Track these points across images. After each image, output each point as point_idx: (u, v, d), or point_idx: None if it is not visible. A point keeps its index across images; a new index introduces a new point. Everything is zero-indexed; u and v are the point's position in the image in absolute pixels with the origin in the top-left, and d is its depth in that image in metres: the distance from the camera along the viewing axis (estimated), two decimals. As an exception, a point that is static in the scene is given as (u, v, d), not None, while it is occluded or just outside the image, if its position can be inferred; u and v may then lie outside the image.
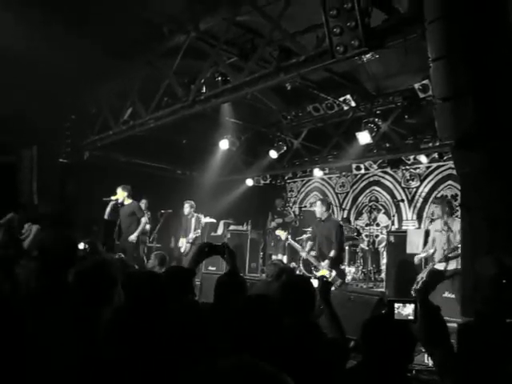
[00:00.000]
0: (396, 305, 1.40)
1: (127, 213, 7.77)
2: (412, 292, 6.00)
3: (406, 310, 1.38)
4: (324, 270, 6.50)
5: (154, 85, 7.10)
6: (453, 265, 5.83)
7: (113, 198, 7.79)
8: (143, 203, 8.90)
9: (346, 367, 2.20)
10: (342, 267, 6.99)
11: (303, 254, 7.02)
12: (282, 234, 7.46)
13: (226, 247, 3.11)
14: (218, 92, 6.31)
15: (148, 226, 8.68)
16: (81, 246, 5.52)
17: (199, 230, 8.88)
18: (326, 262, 6.51)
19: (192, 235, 8.76)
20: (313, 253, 6.88)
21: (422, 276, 6.00)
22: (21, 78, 6.71)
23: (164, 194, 9.80)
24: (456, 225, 5.85)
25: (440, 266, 5.95)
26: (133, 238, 7.58)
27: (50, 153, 8.87)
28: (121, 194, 7.80)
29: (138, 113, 7.56)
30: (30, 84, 6.84)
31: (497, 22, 2.85)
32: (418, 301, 1.36)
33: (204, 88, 6.57)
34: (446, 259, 5.85)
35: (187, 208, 8.87)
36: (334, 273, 6.47)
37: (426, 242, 6.61)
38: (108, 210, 7.75)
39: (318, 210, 6.83)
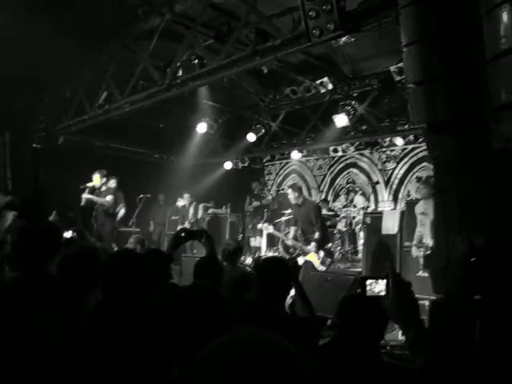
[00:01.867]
0: (368, 281, 1.45)
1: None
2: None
3: (379, 287, 1.44)
4: (312, 254, 6.59)
5: (130, 68, 6.99)
6: None
7: (89, 184, 7.69)
8: (113, 183, 8.74)
9: (317, 344, 2.28)
10: (329, 246, 7.06)
11: (289, 242, 7.07)
12: (265, 227, 7.50)
13: (203, 232, 3.14)
14: (195, 75, 6.25)
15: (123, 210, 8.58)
16: (68, 234, 5.43)
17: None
18: (313, 244, 6.59)
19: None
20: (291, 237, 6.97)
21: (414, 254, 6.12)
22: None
23: (142, 178, 9.73)
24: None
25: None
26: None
27: (24, 138, 8.67)
28: (97, 180, 7.70)
29: (113, 97, 7.44)
30: (1, 68, 6.65)
31: (468, 6, 2.90)
32: (390, 276, 1.42)
33: (180, 71, 6.49)
34: None
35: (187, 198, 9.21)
36: (322, 254, 6.57)
37: (401, 223, 6.74)
38: (84, 196, 7.66)
39: (291, 196, 6.89)
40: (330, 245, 7.28)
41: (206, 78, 6.20)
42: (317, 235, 6.61)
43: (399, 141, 9.28)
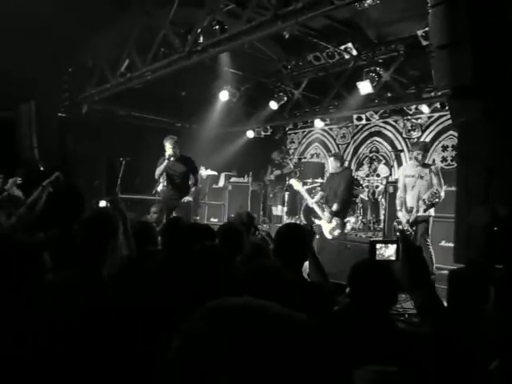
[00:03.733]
0: (378, 245, 1.44)
1: (179, 171, 6.72)
2: (394, 229, 6.13)
3: (389, 251, 1.43)
4: (324, 220, 6.66)
5: (151, 35, 6.94)
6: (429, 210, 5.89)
7: (166, 155, 6.60)
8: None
9: (331, 310, 2.31)
10: (345, 220, 7.11)
11: (309, 202, 7.07)
12: (295, 183, 7.49)
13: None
14: (216, 41, 6.17)
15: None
16: (103, 203, 5.48)
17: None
18: (327, 213, 6.65)
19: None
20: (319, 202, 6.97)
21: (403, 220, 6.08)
22: (16, 33, 6.57)
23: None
24: (424, 172, 5.97)
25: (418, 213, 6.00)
26: (188, 198, 6.64)
27: (49, 107, 8.79)
28: (169, 149, 6.59)
29: (134, 65, 7.43)
30: (25, 38, 6.70)
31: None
32: (400, 241, 1.41)
33: (201, 38, 6.42)
34: (432, 204, 5.87)
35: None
36: (334, 223, 6.61)
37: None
38: (161, 168, 6.62)
39: (333, 165, 6.90)
40: (347, 219, 7.27)
41: (227, 44, 6.13)
42: (335, 207, 6.65)
43: (425, 108, 9.03)
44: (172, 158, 6.60)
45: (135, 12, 7.01)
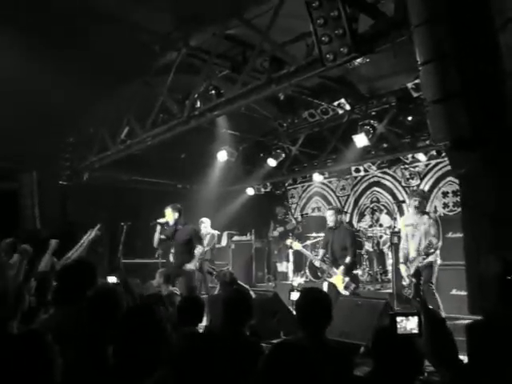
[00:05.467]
0: (398, 318, 1.39)
1: (181, 239, 6.71)
2: (410, 297, 6.07)
3: (410, 324, 1.37)
4: (339, 276, 6.56)
5: (149, 103, 7.14)
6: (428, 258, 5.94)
7: (161, 220, 6.76)
8: (205, 223, 8.69)
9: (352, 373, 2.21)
10: (355, 272, 7.06)
11: (317, 263, 7.04)
12: (295, 245, 7.47)
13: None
14: (212, 106, 6.33)
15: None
16: (112, 279, 5.42)
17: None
18: (341, 268, 6.60)
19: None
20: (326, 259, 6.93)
21: (411, 279, 6.03)
22: (17, 104, 6.75)
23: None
24: (423, 221, 6.04)
25: (417, 262, 6.00)
26: (190, 266, 6.55)
27: (50, 177, 8.90)
28: (170, 216, 6.69)
29: (134, 131, 7.59)
30: (26, 109, 6.88)
31: (482, 23, 2.87)
32: (422, 314, 1.35)
33: (198, 103, 6.60)
34: (427, 255, 5.90)
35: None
36: (347, 278, 6.55)
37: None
38: (156, 236, 6.76)
39: (331, 218, 6.89)
40: (356, 272, 7.22)
41: (224, 108, 6.28)
42: (348, 259, 6.61)
43: (421, 156, 9.16)
44: (169, 224, 6.76)
45: (133, 81, 7.24)
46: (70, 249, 6.40)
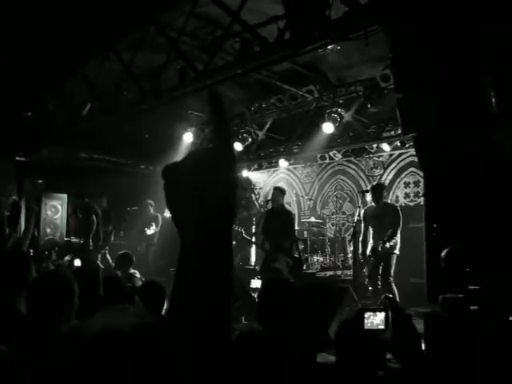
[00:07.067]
0: (366, 314, 1.37)
1: None
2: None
3: (377, 319, 1.36)
4: (281, 261, 6.56)
5: (114, 79, 6.89)
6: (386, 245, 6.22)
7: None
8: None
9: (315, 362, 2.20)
10: (296, 255, 7.00)
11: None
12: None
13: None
14: (179, 85, 6.17)
15: None
16: (78, 262, 5.50)
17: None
18: (281, 252, 6.63)
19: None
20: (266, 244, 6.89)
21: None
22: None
23: (127, 189, 9.62)
24: (384, 213, 6.32)
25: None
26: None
27: (7, 150, 8.53)
28: None
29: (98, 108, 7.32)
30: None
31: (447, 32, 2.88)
32: (388, 309, 1.34)
33: (165, 82, 6.41)
34: (387, 241, 6.12)
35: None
36: (291, 261, 6.57)
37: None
38: None
39: (276, 198, 6.87)
40: (317, 258, 7.31)
41: (191, 88, 6.12)
42: (287, 243, 6.72)
43: (386, 147, 9.28)
44: None
45: (99, 57, 6.95)
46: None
